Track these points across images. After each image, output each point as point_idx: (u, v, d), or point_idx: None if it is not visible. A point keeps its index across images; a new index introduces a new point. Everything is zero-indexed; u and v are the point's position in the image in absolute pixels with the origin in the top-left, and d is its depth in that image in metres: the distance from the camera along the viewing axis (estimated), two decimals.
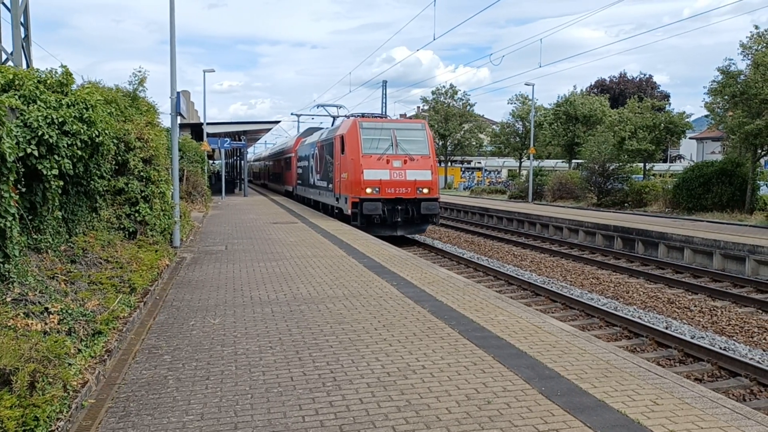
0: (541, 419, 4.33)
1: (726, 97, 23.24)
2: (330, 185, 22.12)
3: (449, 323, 6.93)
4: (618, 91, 65.87)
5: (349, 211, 18.80)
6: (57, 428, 4.02)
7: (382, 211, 18.30)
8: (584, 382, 5.06)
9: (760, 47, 22.39)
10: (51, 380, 4.38)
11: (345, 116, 24.38)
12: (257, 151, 78.58)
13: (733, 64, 23.18)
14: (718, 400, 4.73)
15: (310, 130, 32.91)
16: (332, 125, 26.08)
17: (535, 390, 4.89)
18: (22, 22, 12.81)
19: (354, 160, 18.76)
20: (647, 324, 9.49)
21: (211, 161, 44.38)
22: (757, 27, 23.53)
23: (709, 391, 5.01)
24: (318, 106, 31.75)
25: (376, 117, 21.40)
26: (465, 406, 4.56)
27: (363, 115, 20.97)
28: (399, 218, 18.69)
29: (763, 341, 9.34)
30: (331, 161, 21.77)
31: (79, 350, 5.45)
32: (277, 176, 44.39)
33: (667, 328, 9.58)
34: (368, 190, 18.33)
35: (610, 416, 4.38)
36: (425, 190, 18.78)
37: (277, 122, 43.84)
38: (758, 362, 7.90)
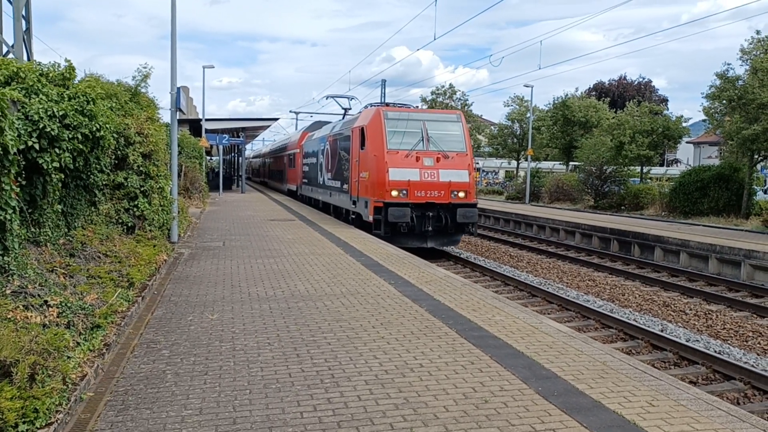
0: (537, 419, 4.36)
1: (724, 101, 23.34)
2: (345, 186, 19.33)
3: (447, 322, 6.96)
4: (617, 94, 65.98)
5: (370, 218, 16.03)
6: (56, 420, 4.03)
7: (411, 219, 15.54)
8: (581, 383, 5.09)
9: (759, 53, 22.47)
10: (50, 373, 4.40)
11: (348, 116, 22.93)
12: (255, 147, 78.40)
13: (732, 68, 23.30)
14: (713, 403, 4.77)
15: (318, 124, 30.44)
16: (343, 119, 23.80)
17: (532, 390, 4.92)
18: (24, 14, 12.79)
19: (377, 156, 16.04)
20: (643, 326, 9.54)
21: (208, 157, 44.31)
22: (758, 32, 23.62)
23: (704, 393, 5.05)
24: (327, 98, 27.98)
25: (402, 107, 18.24)
26: (462, 405, 4.58)
27: (387, 104, 17.97)
28: (430, 227, 15.86)
29: (758, 345, 9.39)
30: (346, 158, 19.09)
31: (78, 343, 5.46)
32: (278, 174, 41.90)
33: (662, 331, 9.63)
34: (394, 193, 15.57)
35: (606, 417, 4.41)
36: (461, 194, 16.06)
37: (276, 119, 43.86)
38: (753, 366, 7.95)
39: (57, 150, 7.23)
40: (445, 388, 4.91)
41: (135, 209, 11.16)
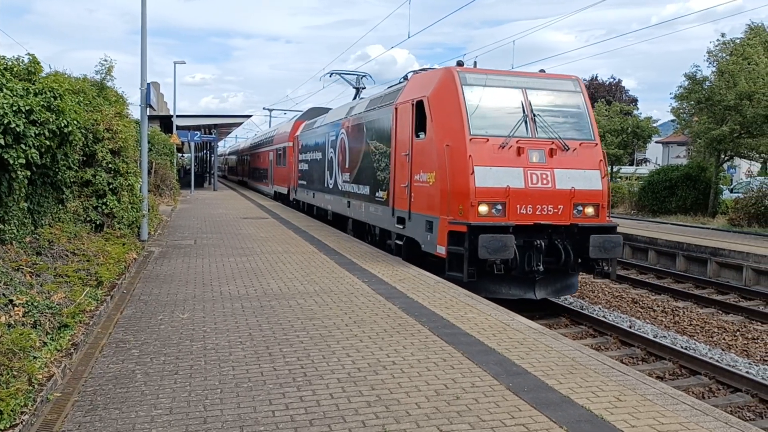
0: (508, 414, 4.41)
1: (692, 102, 23.81)
2: (379, 193, 12.97)
3: (420, 320, 6.99)
4: (589, 94, 66.77)
5: (442, 249, 9.86)
6: (21, 422, 3.95)
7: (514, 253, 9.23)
8: (550, 379, 5.16)
9: (725, 55, 22.97)
10: (15, 373, 4.31)
11: (366, 95, 17.73)
12: (228, 144, 77.56)
13: (699, 70, 23.81)
14: (678, 397, 4.87)
15: (317, 110, 24.55)
16: (355, 99, 18.73)
17: (503, 386, 4.97)
18: None
19: (452, 147, 9.81)
20: (612, 323, 9.71)
21: (180, 154, 43.76)
22: (723, 35, 24.15)
23: (670, 388, 5.16)
24: (331, 74, 21.20)
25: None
26: (434, 402, 4.61)
27: (460, 63, 11.14)
28: (540, 264, 9.65)
29: (723, 341, 9.62)
30: (383, 151, 12.74)
31: (45, 343, 5.36)
32: (261, 172, 35.52)
33: (630, 328, 9.80)
34: (482, 209, 9.51)
35: (575, 411, 4.48)
36: (589, 210, 10.08)
37: (249, 116, 43.45)
38: (717, 361, 8.15)
39: (23, 146, 7.08)
40: (418, 385, 4.94)
41: (104, 207, 10.99)
